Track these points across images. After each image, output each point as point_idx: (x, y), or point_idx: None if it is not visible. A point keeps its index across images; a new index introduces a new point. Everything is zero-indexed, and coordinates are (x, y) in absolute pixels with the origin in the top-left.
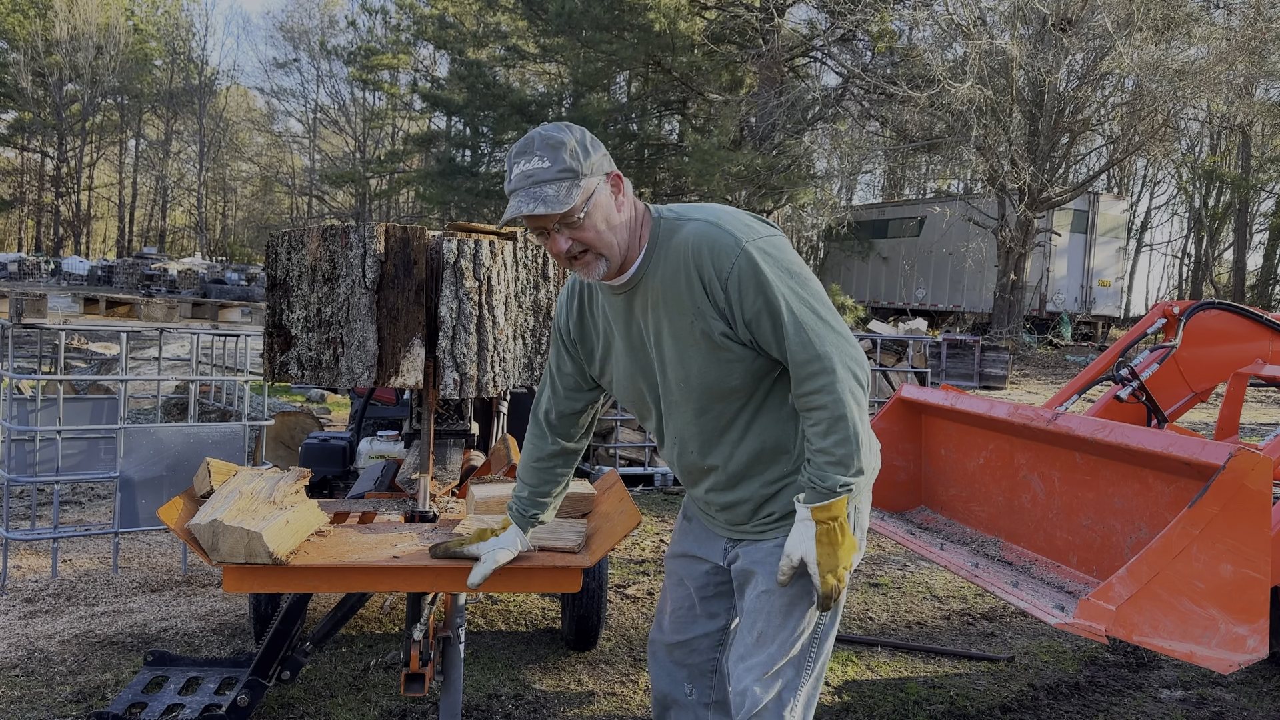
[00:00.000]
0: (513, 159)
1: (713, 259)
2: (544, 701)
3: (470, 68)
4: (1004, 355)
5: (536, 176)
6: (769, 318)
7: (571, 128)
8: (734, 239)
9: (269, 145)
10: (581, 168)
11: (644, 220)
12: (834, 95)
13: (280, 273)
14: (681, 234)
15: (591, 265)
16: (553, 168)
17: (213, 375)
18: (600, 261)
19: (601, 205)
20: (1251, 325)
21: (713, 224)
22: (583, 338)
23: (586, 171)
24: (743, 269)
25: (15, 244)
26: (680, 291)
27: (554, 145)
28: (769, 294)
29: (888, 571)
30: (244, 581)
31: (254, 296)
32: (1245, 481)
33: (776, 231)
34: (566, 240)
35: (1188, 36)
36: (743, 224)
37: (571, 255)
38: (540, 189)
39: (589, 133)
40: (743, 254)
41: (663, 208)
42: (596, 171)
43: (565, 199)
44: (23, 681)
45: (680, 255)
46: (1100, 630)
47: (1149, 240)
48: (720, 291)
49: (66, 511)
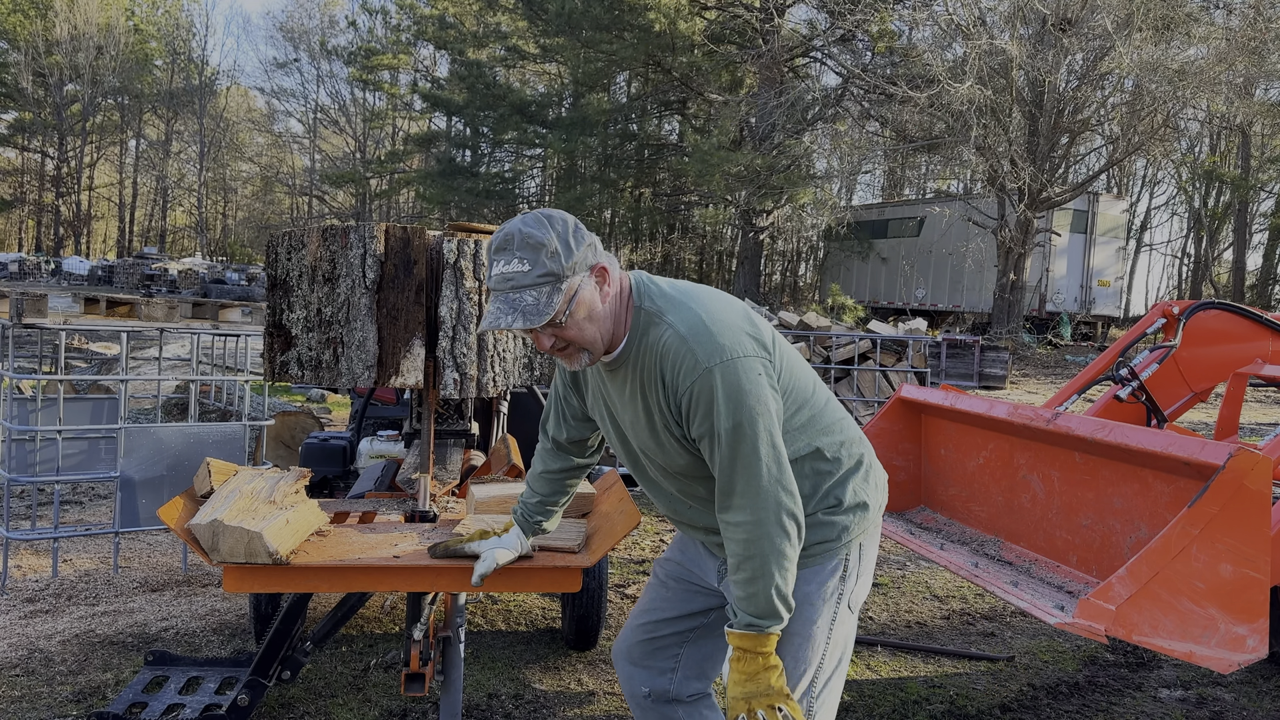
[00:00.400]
0: (492, 254)
1: (674, 371)
2: (544, 701)
3: (470, 68)
4: (1004, 355)
5: (516, 281)
6: (709, 441)
7: (554, 220)
8: (695, 359)
9: (269, 145)
10: (563, 269)
11: (629, 303)
12: (834, 95)
13: (280, 273)
14: (654, 334)
15: (574, 357)
16: (532, 272)
17: (213, 375)
18: (583, 354)
19: (585, 302)
20: (1251, 325)
21: (683, 336)
22: (575, 382)
23: (568, 272)
24: (698, 391)
25: (15, 244)
26: (650, 390)
27: (534, 246)
28: (714, 421)
29: (888, 571)
30: (244, 581)
31: (254, 296)
32: (1245, 481)
33: (750, 353)
34: (550, 338)
35: (1187, 36)
36: (713, 342)
37: (556, 350)
38: (520, 296)
39: (574, 222)
40: (701, 376)
41: (647, 289)
42: (580, 268)
43: (545, 308)
44: (23, 681)
45: (651, 356)
46: (1100, 630)
47: (1149, 240)
48: (676, 404)
49: (67, 511)
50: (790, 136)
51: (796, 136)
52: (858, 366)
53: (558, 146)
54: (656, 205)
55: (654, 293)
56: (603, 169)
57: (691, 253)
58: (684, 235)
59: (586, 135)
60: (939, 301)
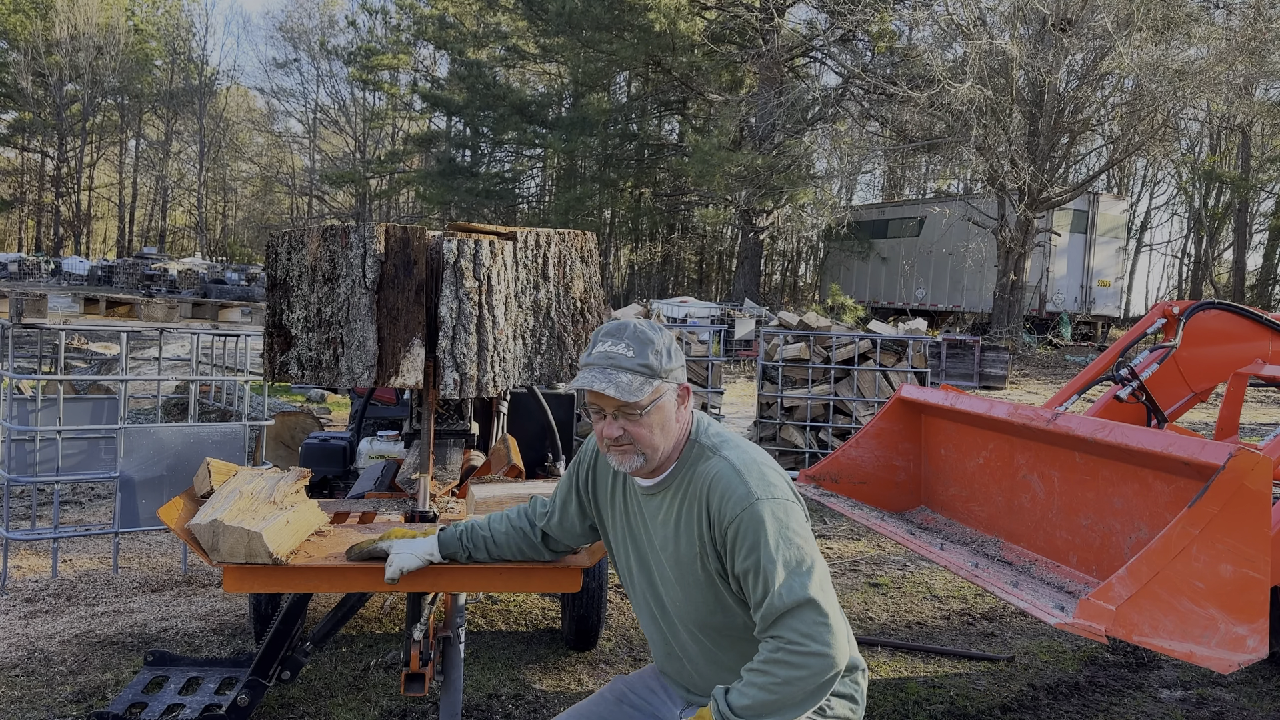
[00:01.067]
0: (600, 337)
1: (722, 500)
2: (544, 701)
3: (470, 68)
4: (1004, 355)
5: (617, 360)
6: (753, 577)
7: (663, 331)
8: (748, 489)
9: (269, 145)
10: (660, 369)
11: (686, 432)
12: (834, 95)
13: (280, 273)
14: (705, 465)
15: (629, 457)
16: (635, 359)
17: (213, 375)
18: (639, 457)
19: (664, 409)
20: (1251, 325)
21: (736, 469)
22: (596, 490)
23: (663, 375)
24: (745, 523)
25: (15, 244)
26: (693, 521)
27: (643, 340)
28: (759, 554)
29: (888, 571)
30: (244, 581)
31: (254, 296)
32: (1245, 481)
33: (793, 499)
34: (619, 429)
35: (1187, 37)
36: (765, 479)
37: (616, 441)
38: (616, 373)
39: (676, 343)
40: (751, 508)
41: (707, 427)
42: (671, 379)
43: (635, 391)
44: (23, 681)
45: (699, 486)
46: (1100, 630)
47: (1149, 240)
48: (720, 535)
49: (66, 511)
50: (790, 136)
51: (796, 136)
52: (858, 366)
53: (558, 146)
54: (656, 205)
55: (712, 431)
56: (603, 169)
57: (691, 253)
58: (684, 235)
59: (586, 135)
60: (939, 301)
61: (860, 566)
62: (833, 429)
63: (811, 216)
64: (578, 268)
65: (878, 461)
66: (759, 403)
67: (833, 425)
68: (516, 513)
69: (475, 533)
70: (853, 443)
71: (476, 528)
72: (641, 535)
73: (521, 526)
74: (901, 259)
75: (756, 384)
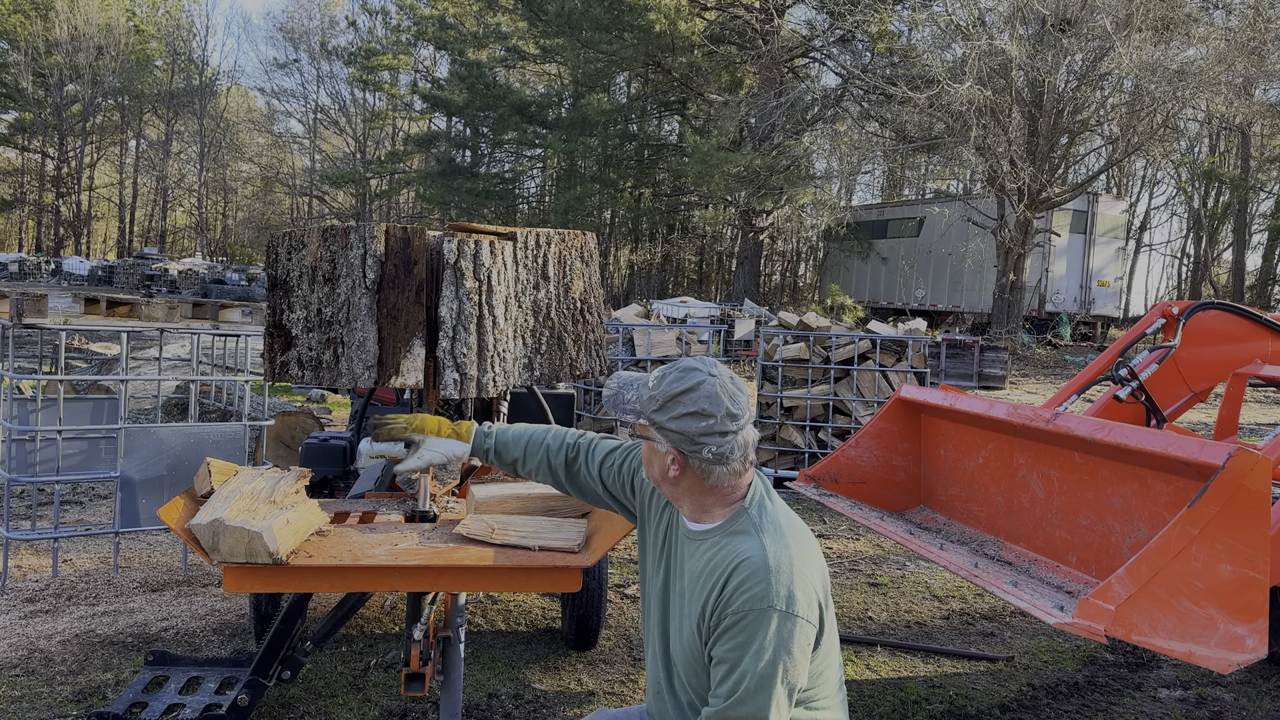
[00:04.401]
0: (666, 367)
1: (738, 588)
2: (544, 701)
3: (470, 68)
4: (1003, 355)
5: (636, 384)
6: (725, 670)
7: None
8: (767, 591)
9: (269, 145)
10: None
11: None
12: (834, 96)
13: (281, 273)
14: (742, 541)
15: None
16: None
17: (213, 375)
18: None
19: (655, 452)
20: (1250, 325)
21: (768, 564)
22: (638, 493)
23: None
24: (747, 621)
25: (16, 244)
26: (708, 586)
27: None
28: (743, 655)
29: (888, 571)
30: (244, 581)
31: (254, 296)
32: (1244, 481)
33: (811, 620)
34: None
35: (1187, 37)
36: (788, 589)
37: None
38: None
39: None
40: (760, 612)
41: (758, 497)
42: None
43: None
44: (23, 681)
45: (727, 558)
46: (1099, 630)
47: (1148, 240)
48: (719, 615)
49: (67, 511)
50: (790, 137)
51: (796, 137)
52: (857, 366)
53: (558, 147)
54: (656, 205)
55: (765, 505)
56: (603, 169)
57: (691, 253)
58: (684, 235)
59: (586, 135)
60: (939, 302)
61: (860, 566)
62: (832, 429)
63: (811, 217)
64: (578, 268)
65: (877, 461)
66: (759, 403)
67: (832, 425)
68: (565, 430)
69: (512, 430)
70: (852, 443)
71: (517, 426)
72: (674, 571)
73: (566, 442)
74: (901, 259)
75: (756, 384)
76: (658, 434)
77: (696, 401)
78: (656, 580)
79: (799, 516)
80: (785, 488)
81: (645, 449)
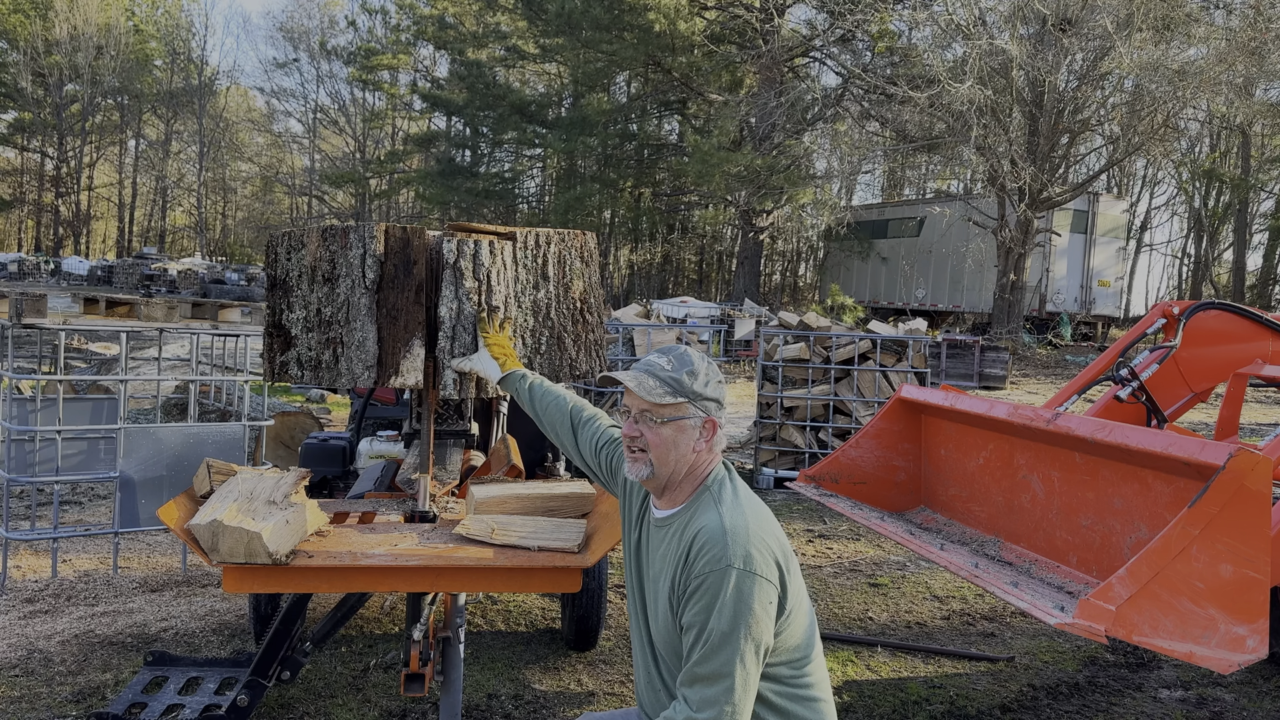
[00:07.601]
0: (654, 350)
1: (698, 555)
2: (544, 701)
3: (470, 68)
4: (1004, 355)
5: (653, 369)
6: (694, 634)
7: (711, 369)
8: (725, 553)
9: (269, 145)
10: (689, 391)
11: (703, 477)
12: (834, 95)
13: (280, 273)
14: (703, 515)
15: (639, 464)
16: (669, 372)
17: (213, 375)
18: (647, 467)
19: (683, 429)
20: (1251, 325)
21: (725, 528)
22: (615, 478)
23: (691, 397)
24: (709, 582)
25: (15, 244)
26: (676, 563)
27: (684, 361)
28: (708, 616)
29: (888, 571)
30: (244, 581)
31: (254, 296)
32: (1245, 482)
33: (770, 579)
34: (636, 430)
35: (1187, 37)
36: (744, 549)
37: (633, 443)
38: (648, 377)
39: (719, 383)
40: (719, 572)
41: (719, 477)
42: (699, 405)
43: (655, 394)
44: (23, 681)
45: (690, 532)
46: (1100, 630)
47: (1149, 240)
48: (685, 583)
49: (66, 511)
50: (790, 137)
51: (796, 137)
52: (857, 366)
53: (557, 146)
54: (656, 205)
55: (725, 484)
56: (603, 169)
57: (691, 253)
58: (684, 235)
59: (586, 135)
60: (939, 302)
61: (860, 566)
62: (833, 429)
63: (811, 216)
64: (577, 268)
65: (878, 461)
66: (759, 403)
67: (833, 425)
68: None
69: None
70: (852, 443)
71: (543, 381)
72: (645, 562)
73: (580, 409)
74: (901, 259)
75: (756, 384)
76: (694, 407)
77: (708, 366)
78: (633, 577)
79: (761, 499)
80: (785, 488)
81: (668, 434)
